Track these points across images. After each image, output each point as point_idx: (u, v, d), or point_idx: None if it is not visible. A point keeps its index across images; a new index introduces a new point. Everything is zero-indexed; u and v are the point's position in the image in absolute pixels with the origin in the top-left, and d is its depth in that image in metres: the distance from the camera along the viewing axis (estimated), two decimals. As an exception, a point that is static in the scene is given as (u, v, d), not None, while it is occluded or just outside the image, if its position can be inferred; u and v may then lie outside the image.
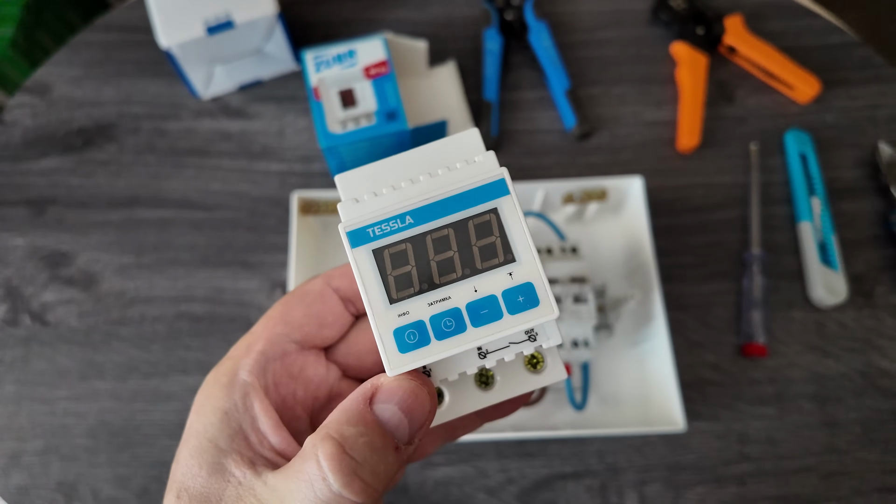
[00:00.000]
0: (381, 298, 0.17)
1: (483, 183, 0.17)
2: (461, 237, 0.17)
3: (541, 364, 0.19)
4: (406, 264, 0.17)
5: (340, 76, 0.46)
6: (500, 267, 0.17)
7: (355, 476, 0.15)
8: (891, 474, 0.41)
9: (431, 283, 0.17)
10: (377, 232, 0.17)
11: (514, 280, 0.17)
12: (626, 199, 0.46)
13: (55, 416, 0.43)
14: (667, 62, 0.54)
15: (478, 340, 0.17)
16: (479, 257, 0.17)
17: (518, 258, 0.17)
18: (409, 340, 0.17)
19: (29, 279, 0.47)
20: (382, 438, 0.15)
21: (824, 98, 0.52)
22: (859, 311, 0.45)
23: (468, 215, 0.17)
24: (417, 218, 0.17)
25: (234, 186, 0.50)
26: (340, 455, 0.15)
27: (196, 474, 0.17)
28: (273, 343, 0.19)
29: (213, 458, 0.17)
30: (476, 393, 0.18)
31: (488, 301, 0.17)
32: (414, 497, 0.41)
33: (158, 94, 0.53)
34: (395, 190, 0.18)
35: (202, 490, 0.17)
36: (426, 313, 0.17)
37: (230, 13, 0.47)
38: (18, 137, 0.52)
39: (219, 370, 0.19)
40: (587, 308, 0.39)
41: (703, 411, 0.43)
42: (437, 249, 0.17)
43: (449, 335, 0.17)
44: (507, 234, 0.17)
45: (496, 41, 0.53)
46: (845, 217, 0.48)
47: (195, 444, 0.18)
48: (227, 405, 0.18)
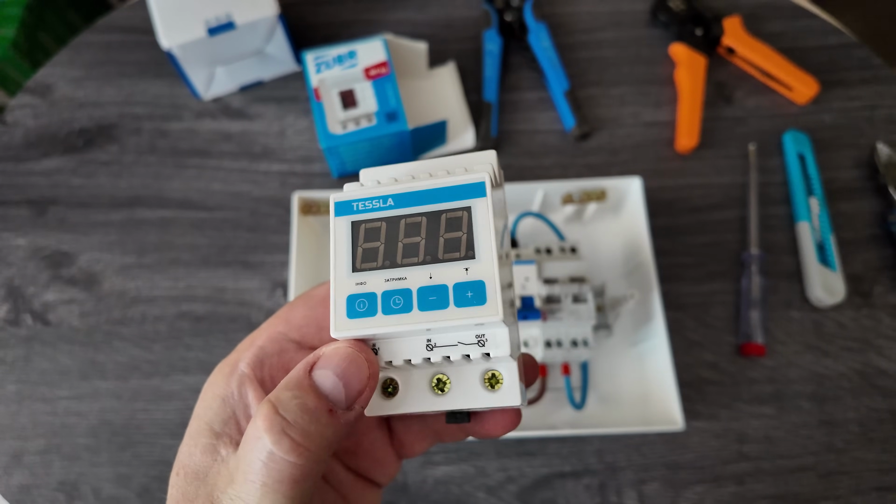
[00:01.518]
0: (346, 265, 0.18)
1: (464, 182, 0.18)
2: (432, 227, 0.18)
3: (499, 385, 0.19)
4: (377, 240, 0.18)
5: (341, 77, 0.46)
6: (459, 261, 0.18)
7: (284, 434, 0.16)
8: (889, 473, 0.41)
9: (393, 262, 0.18)
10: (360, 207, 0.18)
11: (468, 275, 0.17)
12: (625, 199, 0.46)
13: (57, 416, 0.44)
14: (665, 63, 0.54)
15: (419, 324, 0.17)
16: (442, 248, 0.18)
17: (478, 256, 0.18)
18: (359, 308, 0.17)
19: (30, 279, 0.47)
20: (316, 401, 0.16)
21: (822, 99, 0.52)
22: (857, 310, 0.46)
23: (443, 208, 0.18)
24: (398, 202, 0.18)
25: (235, 187, 0.50)
26: (272, 415, 0.16)
27: (192, 453, 0.19)
28: (272, 340, 0.20)
29: (207, 440, 0.19)
30: (429, 395, 0.19)
31: (439, 289, 0.17)
32: (414, 496, 0.41)
33: (159, 95, 0.53)
34: (395, 182, 0.19)
35: (196, 468, 0.18)
36: (380, 287, 0.18)
37: (231, 14, 0.47)
38: (20, 138, 0.52)
39: (224, 361, 0.21)
40: (586, 308, 0.39)
41: (701, 411, 0.43)
42: (407, 233, 0.18)
43: (395, 312, 0.17)
44: (474, 233, 0.18)
45: (496, 42, 0.53)
46: (843, 217, 0.49)
47: (195, 427, 0.19)
48: (224, 392, 0.20)
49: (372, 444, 0.23)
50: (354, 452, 0.22)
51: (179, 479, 0.19)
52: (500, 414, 0.21)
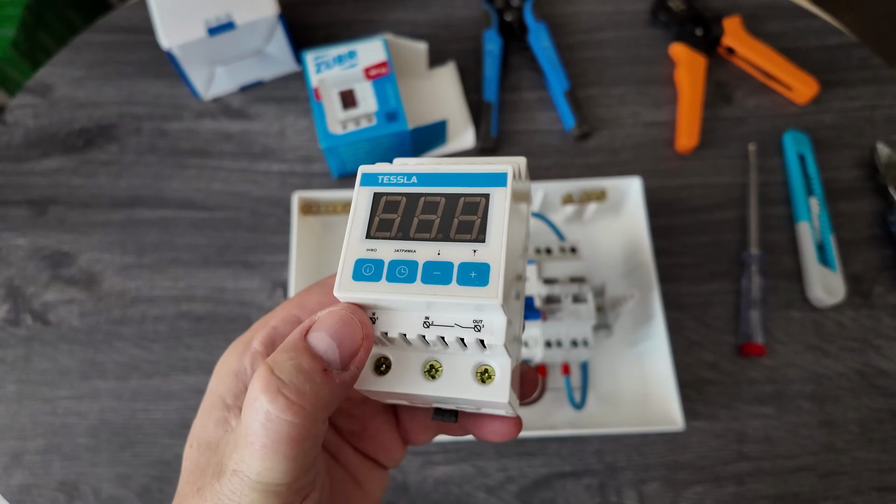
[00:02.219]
0: (361, 231, 0.18)
1: (488, 171, 0.19)
2: (449, 208, 0.18)
3: (490, 381, 0.19)
4: (394, 213, 0.19)
5: (341, 77, 0.46)
6: (469, 243, 0.18)
7: (280, 394, 0.16)
8: (889, 473, 0.41)
9: (406, 235, 0.18)
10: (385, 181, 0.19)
11: (475, 257, 0.18)
12: (624, 199, 0.46)
13: (56, 416, 0.44)
14: (665, 63, 0.54)
15: (420, 296, 0.18)
16: (455, 228, 0.18)
17: (488, 241, 0.18)
18: (365, 273, 0.18)
19: (30, 279, 0.47)
20: (310, 361, 0.17)
21: (822, 99, 0.52)
22: (857, 310, 0.46)
23: (463, 192, 0.19)
24: (421, 181, 0.19)
25: (235, 187, 0.50)
26: (268, 376, 0.16)
27: (206, 426, 0.19)
28: (286, 321, 0.21)
29: (219, 413, 0.19)
30: (420, 379, 0.19)
31: (444, 265, 0.18)
32: (414, 496, 0.41)
33: (160, 95, 0.53)
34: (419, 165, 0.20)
35: (209, 439, 0.19)
36: (389, 256, 0.18)
37: (231, 14, 0.47)
38: (20, 138, 0.52)
39: (238, 340, 0.21)
40: (586, 308, 0.39)
41: (701, 411, 0.43)
42: (424, 210, 0.19)
43: (398, 281, 0.18)
44: (488, 219, 0.18)
45: (496, 42, 0.53)
46: (843, 217, 0.49)
47: (209, 401, 0.20)
48: (237, 368, 0.20)
49: (378, 429, 0.23)
50: (361, 435, 0.23)
51: (193, 451, 0.19)
52: (499, 421, 0.21)
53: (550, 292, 0.39)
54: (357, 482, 0.23)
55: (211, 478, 0.18)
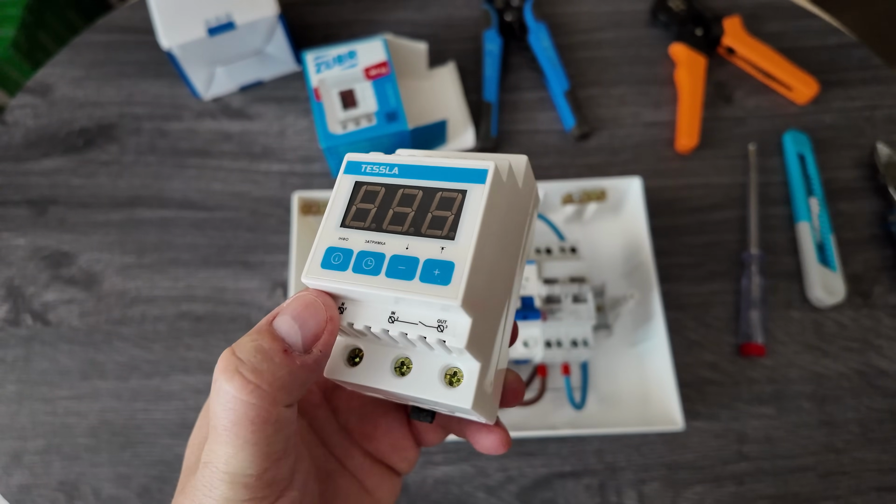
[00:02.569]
0: (337, 219, 0.19)
1: (469, 167, 0.18)
2: (425, 202, 0.18)
3: (458, 383, 0.18)
4: (371, 203, 0.18)
5: (341, 77, 0.46)
6: (438, 239, 0.18)
7: (236, 373, 0.16)
8: (889, 473, 0.41)
9: (379, 226, 0.18)
10: (367, 170, 0.19)
11: (441, 254, 0.17)
12: (624, 199, 0.46)
13: (56, 416, 0.44)
14: (665, 63, 0.54)
15: (381, 289, 0.17)
16: (427, 223, 0.18)
17: (457, 239, 0.17)
18: (334, 261, 0.18)
19: (30, 279, 0.47)
20: (270, 342, 0.17)
21: (822, 99, 0.52)
22: (857, 311, 0.46)
23: (441, 187, 0.18)
24: (402, 172, 0.19)
25: (235, 187, 0.50)
26: (228, 357, 0.16)
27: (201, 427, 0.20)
28: None
29: None
30: (388, 375, 0.19)
31: (409, 260, 0.17)
32: (414, 496, 0.41)
33: (160, 95, 0.53)
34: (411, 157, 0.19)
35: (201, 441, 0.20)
36: (359, 246, 0.18)
37: (231, 14, 0.47)
38: (20, 138, 0.52)
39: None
40: (586, 308, 0.39)
41: (701, 411, 0.43)
42: (400, 202, 0.18)
43: (363, 273, 0.18)
44: (462, 216, 0.18)
45: (496, 42, 0.53)
46: (843, 217, 0.49)
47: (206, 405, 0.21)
48: None
49: (389, 427, 0.23)
50: (372, 436, 0.23)
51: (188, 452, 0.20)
52: (485, 431, 0.21)
53: (550, 292, 0.39)
54: (366, 489, 0.22)
55: (190, 476, 0.18)
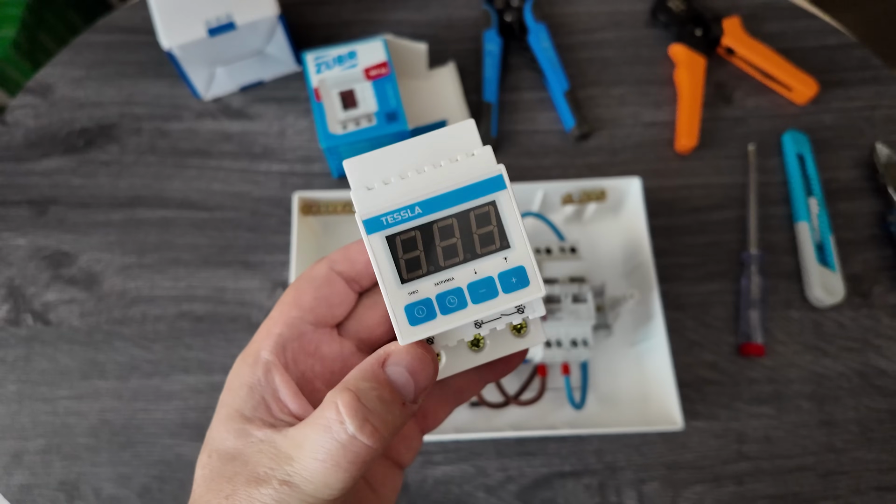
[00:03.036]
0: (394, 279, 0.19)
1: (483, 178, 0.19)
2: (463, 226, 0.19)
3: (524, 330, 0.21)
4: (415, 249, 0.19)
5: (341, 77, 0.46)
6: (497, 252, 0.19)
7: (367, 421, 0.17)
8: (888, 473, 0.42)
9: (437, 266, 0.19)
10: (390, 220, 0.19)
11: (508, 263, 0.19)
12: (624, 199, 0.47)
13: (57, 416, 0.44)
14: (665, 63, 0.54)
15: (476, 315, 0.19)
16: (478, 244, 0.19)
17: (512, 245, 0.19)
18: (418, 315, 0.19)
19: (31, 279, 0.47)
20: (391, 394, 0.18)
21: (822, 99, 0.52)
22: (857, 310, 0.46)
23: (470, 207, 0.19)
24: (426, 208, 0.19)
25: (236, 187, 0.50)
26: (356, 404, 0.17)
27: (224, 438, 0.20)
28: (290, 325, 0.21)
29: (238, 425, 0.20)
30: (468, 354, 0.21)
31: (486, 282, 0.19)
32: (414, 496, 0.41)
33: (160, 95, 0.54)
34: (402, 179, 0.20)
35: (229, 450, 0.20)
36: (433, 292, 0.19)
37: (231, 14, 0.47)
38: (20, 138, 0.52)
39: (245, 353, 0.22)
40: (586, 307, 0.39)
41: (701, 410, 0.43)
42: (442, 236, 0.19)
43: (452, 310, 0.19)
44: (504, 224, 0.19)
45: (496, 43, 0.53)
46: (843, 217, 0.49)
47: (224, 414, 0.20)
48: (251, 380, 0.21)
49: None
50: None
51: (212, 460, 0.20)
52: (511, 358, 0.23)
53: (550, 292, 0.39)
54: (372, 487, 0.23)
55: (244, 486, 0.18)
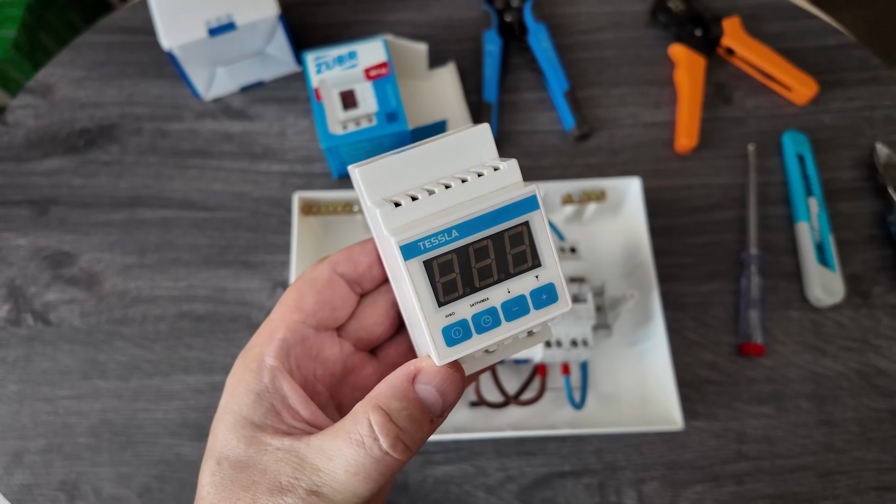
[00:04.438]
0: (431, 302, 0.19)
1: (518, 199, 0.19)
2: (498, 247, 0.19)
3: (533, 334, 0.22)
4: (452, 272, 0.19)
5: (341, 77, 0.46)
6: (529, 271, 0.20)
7: (399, 440, 0.18)
8: (888, 473, 0.42)
9: (473, 287, 0.19)
10: (427, 245, 0.19)
11: (539, 281, 0.20)
12: (624, 199, 0.47)
13: (57, 415, 0.44)
14: (665, 64, 0.54)
15: (510, 332, 0.20)
16: (512, 263, 0.20)
17: (543, 263, 0.20)
18: (455, 336, 0.19)
19: (31, 279, 0.48)
20: (421, 413, 0.19)
21: (822, 99, 0.53)
22: (856, 310, 0.46)
23: (504, 228, 0.19)
24: (462, 231, 0.19)
25: (236, 187, 0.50)
26: (388, 423, 0.18)
27: (234, 446, 0.20)
28: (292, 330, 0.21)
29: (249, 433, 0.20)
30: (483, 357, 0.22)
31: (519, 300, 0.20)
32: (414, 496, 0.41)
33: (160, 96, 0.54)
34: (430, 195, 0.19)
35: (241, 458, 0.20)
36: (469, 313, 0.20)
37: (232, 15, 0.47)
38: (21, 138, 0.52)
39: (246, 357, 0.21)
40: (586, 308, 0.39)
41: (701, 410, 0.43)
42: (477, 258, 0.19)
43: (486, 329, 0.20)
44: (536, 243, 0.20)
45: (496, 43, 0.53)
46: (842, 217, 0.49)
47: (232, 421, 0.20)
48: (258, 388, 0.21)
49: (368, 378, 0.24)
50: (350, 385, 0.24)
51: (223, 468, 0.20)
52: None
53: (550, 292, 0.39)
54: None
55: (265, 494, 0.19)
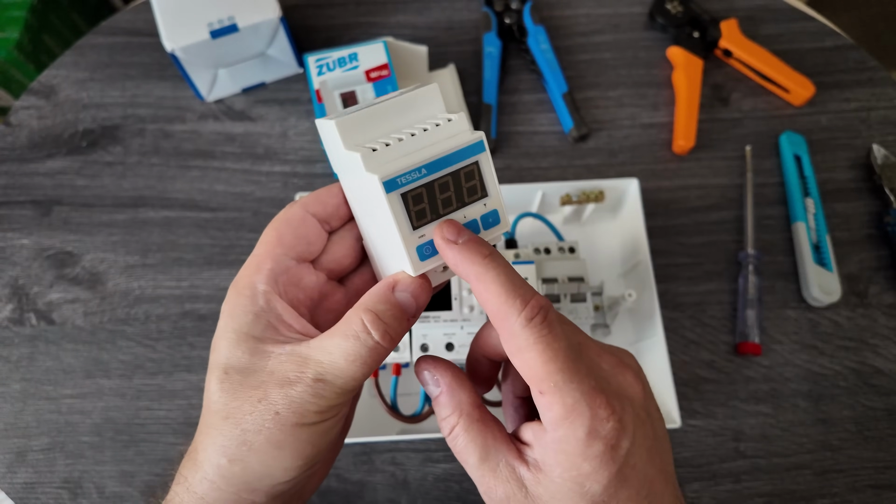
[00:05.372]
0: (407, 226, 0.23)
1: (471, 143, 0.24)
2: (456, 181, 0.24)
3: None
4: (422, 202, 0.23)
5: (342, 79, 0.46)
6: (479, 200, 0.24)
7: (386, 333, 0.23)
8: (884, 471, 0.42)
9: (437, 214, 0.24)
10: (402, 181, 0.23)
11: (486, 208, 0.24)
12: (622, 200, 0.47)
13: (61, 414, 0.44)
14: (663, 66, 0.55)
15: None
16: (466, 194, 0.24)
17: (489, 193, 0.24)
18: (426, 253, 0.24)
19: (35, 279, 0.48)
20: (401, 312, 0.23)
21: (818, 100, 0.53)
22: (853, 310, 0.46)
23: (461, 166, 0.24)
24: (429, 169, 0.23)
25: (238, 187, 0.51)
26: (377, 320, 0.23)
27: (239, 357, 0.23)
28: (277, 261, 0.25)
29: (251, 345, 0.23)
30: (442, 273, 0.25)
31: (472, 223, 0.24)
32: (414, 493, 0.42)
33: (163, 97, 0.54)
34: (400, 142, 0.23)
35: (246, 366, 0.23)
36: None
37: (234, 17, 0.47)
38: (24, 139, 0.53)
39: (238, 286, 0.25)
40: (584, 307, 0.40)
41: (698, 409, 0.44)
42: (441, 191, 0.24)
43: None
44: (484, 178, 0.24)
45: (495, 45, 0.54)
46: (839, 218, 0.49)
47: (233, 337, 0.23)
48: (255, 308, 0.24)
49: (339, 303, 0.27)
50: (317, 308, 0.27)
51: (231, 376, 0.23)
52: None
53: (549, 292, 0.40)
54: None
55: (275, 387, 0.22)
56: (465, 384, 0.24)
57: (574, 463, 0.21)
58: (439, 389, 0.24)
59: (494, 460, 0.23)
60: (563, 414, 0.21)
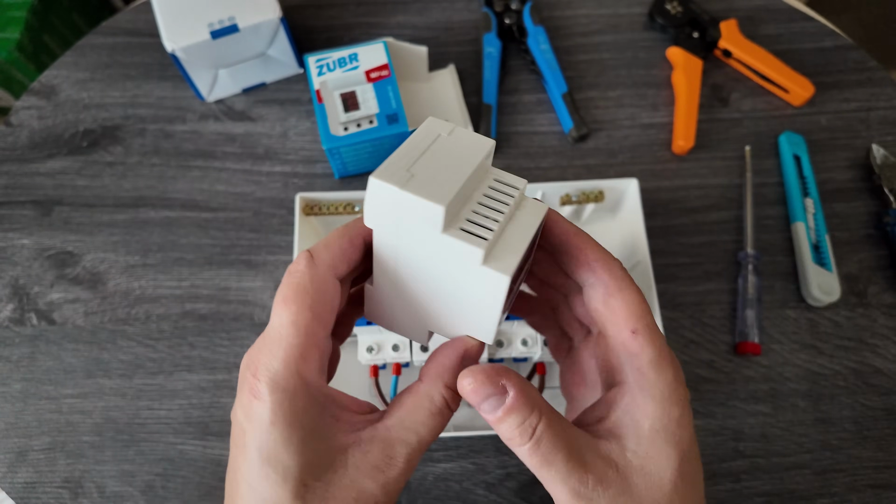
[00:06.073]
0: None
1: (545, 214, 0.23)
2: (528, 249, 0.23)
3: None
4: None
5: (343, 79, 0.47)
6: None
7: (456, 399, 0.23)
8: (884, 471, 0.42)
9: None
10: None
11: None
12: (622, 200, 0.47)
13: (61, 414, 0.44)
14: (663, 66, 0.55)
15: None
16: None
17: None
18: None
19: (36, 279, 0.48)
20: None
21: (818, 101, 0.53)
22: (852, 310, 0.46)
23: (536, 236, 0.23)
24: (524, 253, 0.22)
25: (239, 188, 0.51)
26: (455, 396, 0.23)
27: (315, 464, 0.21)
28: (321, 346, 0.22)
29: (323, 446, 0.21)
30: None
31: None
32: (414, 493, 0.42)
33: (163, 97, 0.54)
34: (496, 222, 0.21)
35: (327, 471, 0.21)
36: None
37: (234, 17, 0.47)
38: (25, 139, 0.53)
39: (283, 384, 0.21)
40: (584, 306, 0.40)
41: (698, 409, 0.44)
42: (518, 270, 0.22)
43: None
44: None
45: (495, 45, 0.54)
46: (839, 218, 0.49)
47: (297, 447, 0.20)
48: (317, 406, 0.21)
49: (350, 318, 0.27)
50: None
51: (310, 489, 0.20)
52: None
53: (549, 291, 0.40)
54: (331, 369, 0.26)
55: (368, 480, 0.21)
56: (525, 379, 0.22)
57: (665, 409, 0.21)
58: (509, 395, 0.21)
59: (581, 451, 0.21)
60: (655, 355, 0.21)
